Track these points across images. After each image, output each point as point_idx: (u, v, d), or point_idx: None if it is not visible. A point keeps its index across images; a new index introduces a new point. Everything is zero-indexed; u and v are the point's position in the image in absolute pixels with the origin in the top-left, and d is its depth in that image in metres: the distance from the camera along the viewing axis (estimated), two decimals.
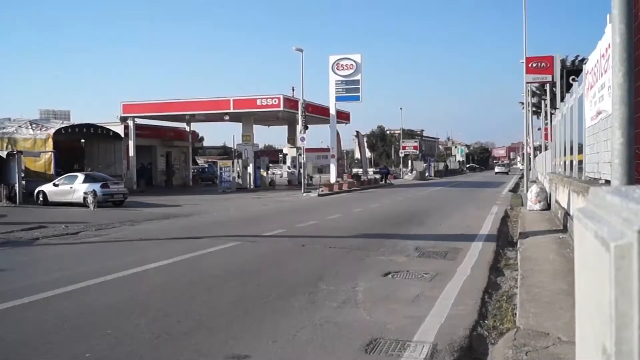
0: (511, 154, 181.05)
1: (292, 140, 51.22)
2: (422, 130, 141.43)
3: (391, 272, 9.62)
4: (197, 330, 6.38)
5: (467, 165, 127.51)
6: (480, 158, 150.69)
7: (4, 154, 28.76)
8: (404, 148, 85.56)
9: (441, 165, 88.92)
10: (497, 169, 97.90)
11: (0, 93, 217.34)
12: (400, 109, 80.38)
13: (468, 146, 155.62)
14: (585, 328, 1.38)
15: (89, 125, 35.88)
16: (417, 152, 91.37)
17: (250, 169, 41.58)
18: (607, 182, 8.74)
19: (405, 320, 6.72)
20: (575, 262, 1.63)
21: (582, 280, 1.46)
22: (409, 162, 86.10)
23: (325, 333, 6.25)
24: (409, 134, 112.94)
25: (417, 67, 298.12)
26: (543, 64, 27.74)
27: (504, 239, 14.17)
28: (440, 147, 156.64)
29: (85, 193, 25.33)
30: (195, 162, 61.55)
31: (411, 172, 73.03)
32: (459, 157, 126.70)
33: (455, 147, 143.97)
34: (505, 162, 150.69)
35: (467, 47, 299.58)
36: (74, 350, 5.73)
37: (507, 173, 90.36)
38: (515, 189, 38.87)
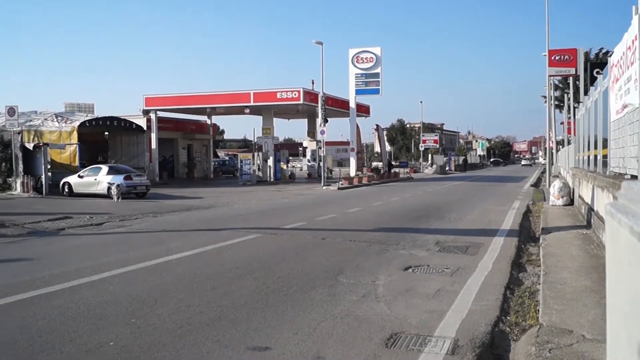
0: (533, 148, 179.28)
1: (312, 133, 51.22)
2: (442, 124, 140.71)
3: (412, 267, 9.61)
4: (219, 321, 6.44)
5: (491, 160, 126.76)
6: (502, 152, 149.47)
7: (30, 146, 29.13)
8: (424, 142, 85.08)
9: (461, 160, 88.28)
10: (523, 162, 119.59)
11: (27, 87, 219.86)
12: (421, 102, 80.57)
13: (489, 140, 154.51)
14: (618, 326, 1.37)
15: (112, 118, 36.16)
16: (438, 146, 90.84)
17: (270, 162, 41.65)
18: (634, 177, 8.64)
19: (426, 314, 6.71)
20: (607, 258, 1.61)
21: (615, 277, 1.44)
22: (429, 156, 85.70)
23: (345, 326, 6.27)
24: (429, 128, 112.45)
25: (438, 60, 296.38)
26: (566, 56, 27.46)
27: (526, 234, 14.06)
28: (461, 141, 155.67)
29: (109, 184, 25.57)
30: (216, 155, 61.86)
31: (431, 166, 72.68)
32: (480, 151, 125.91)
33: (476, 141, 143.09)
34: (527, 156, 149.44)
35: (489, 39, 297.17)
36: (99, 338, 5.81)
37: (531, 165, 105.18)
38: (537, 184, 38.50)
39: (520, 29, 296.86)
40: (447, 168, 71.69)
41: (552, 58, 27.62)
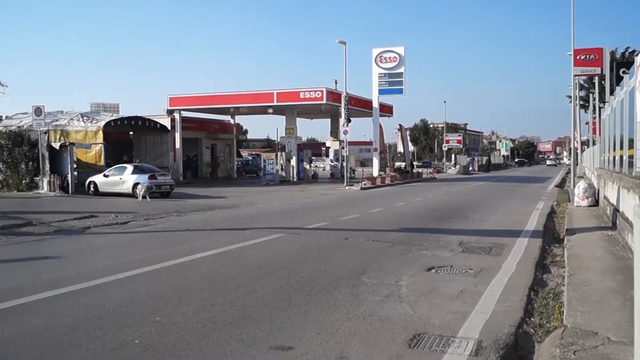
0: (557, 148, 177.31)
1: (334, 133, 51.23)
2: (465, 124, 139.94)
3: (435, 267, 9.59)
4: (242, 320, 6.48)
5: (516, 160, 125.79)
6: (526, 152, 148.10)
7: (57, 145, 29.49)
8: (447, 142, 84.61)
9: (485, 160, 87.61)
10: (548, 162, 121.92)
11: (54, 87, 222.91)
12: (444, 102, 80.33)
13: (513, 140, 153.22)
14: None
15: (137, 118, 36.48)
16: (461, 146, 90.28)
17: (293, 161, 41.72)
18: None
19: (450, 315, 6.69)
20: (635, 260, 1.61)
21: None
22: (453, 156, 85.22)
23: (368, 326, 6.28)
24: (453, 128, 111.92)
25: (462, 59, 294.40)
26: (592, 56, 27.11)
27: (550, 235, 13.94)
28: (485, 141, 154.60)
29: (138, 184, 25.77)
30: (239, 155, 62.15)
31: (454, 166, 72.28)
32: (504, 152, 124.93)
33: (500, 141, 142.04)
34: (551, 157, 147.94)
35: (514, 39, 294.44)
36: (124, 336, 5.89)
37: (555, 165, 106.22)
38: (561, 185, 38.11)
39: (546, 27, 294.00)
40: (470, 168, 71.20)
41: (578, 57, 27.29)
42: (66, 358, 5.33)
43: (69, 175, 27.89)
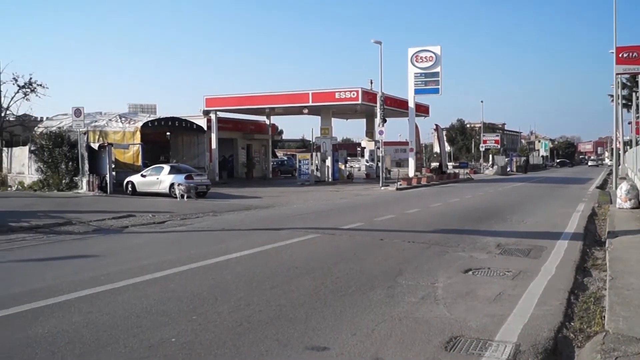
0: (599, 148, 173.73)
1: (370, 133, 51.05)
2: (503, 124, 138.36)
3: (472, 269, 9.48)
4: (277, 320, 6.49)
5: (557, 160, 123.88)
6: (565, 153, 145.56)
7: (95, 146, 29.97)
8: (484, 142, 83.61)
9: (523, 160, 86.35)
10: (589, 163, 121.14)
11: (93, 88, 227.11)
12: (481, 101, 79.17)
13: (552, 140, 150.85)
14: None
15: (173, 119, 36.85)
16: (499, 146, 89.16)
17: (328, 162, 41.72)
18: None
19: (487, 318, 6.60)
20: None
21: None
22: (490, 156, 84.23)
23: (404, 328, 6.23)
24: (490, 128, 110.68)
25: (499, 58, 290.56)
26: (635, 54, 26.52)
27: (591, 238, 13.65)
28: (523, 141, 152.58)
29: (180, 185, 26.03)
30: (274, 155, 62.44)
31: (492, 166, 71.43)
32: (543, 152, 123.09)
33: (539, 141, 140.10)
34: (592, 157, 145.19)
35: (553, 36, 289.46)
36: (161, 334, 5.95)
37: (597, 166, 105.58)
38: (603, 186, 37.34)
39: (587, 24, 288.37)
40: (508, 169, 70.26)
41: (620, 55, 26.72)
42: (104, 355, 5.39)
43: (108, 175, 28.31)
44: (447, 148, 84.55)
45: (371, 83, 44.71)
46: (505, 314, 6.75)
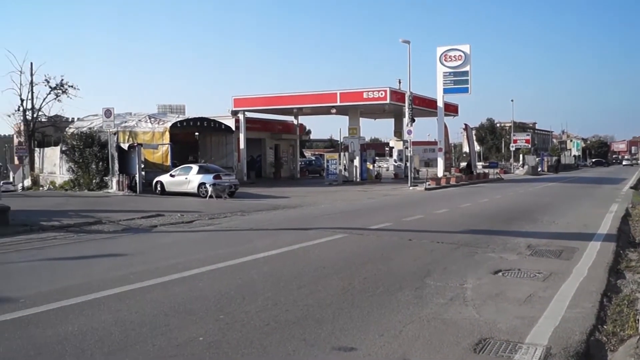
0: (633, 148, 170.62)
1: (398, 133, 50.85)
2: (534, 123, 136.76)
3: (502, 270, 9.35)
4: (305, 320, 6.47)
5: (593, 160, 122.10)
6: (598, 152, 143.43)
7: (125, 146, 30.32)
8: (514, 142, 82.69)
9: (554, 160, 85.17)
10: (624, 162, 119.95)
11: (123, 89, 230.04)
12: (512, 100, 78.62)
13: (584, 140, 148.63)
14: None
15: (202, 119, 37.12)
16: (529, 145, 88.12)
17: (356, 162, 41.63)
18: None
19: (517, 320, 6.50)
20: None
21: None
22: (520, 156, 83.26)
23: (432, 329, 6.17)
24: (521, 127, 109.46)
25: (530, 56, 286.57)
26: None
27: (625, 239, 13.39)
28: (554, 140, 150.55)
29: (215, 185, 26.22)
30: (302, 155, 62.44)
31: (522, 166, 70.60)
32: (575, 151, 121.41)
33: (571, 140, 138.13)
34: (627, 157, 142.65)
35: (584, 34, 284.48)
36: (189, 333, 5.97)
37: (632, 165, 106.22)
38: (637, 186, 36.65)
39: (621, 21, 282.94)
40: (539, 169, 69.40)
41: None
42: (133, 353, 5.43)
43: (137, 175, 28.62)
44: (477, 148, 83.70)
45: (399, 83, 44.53)
46: (535, 316, 6.64)
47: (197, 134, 40.06)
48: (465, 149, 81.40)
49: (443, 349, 5.57)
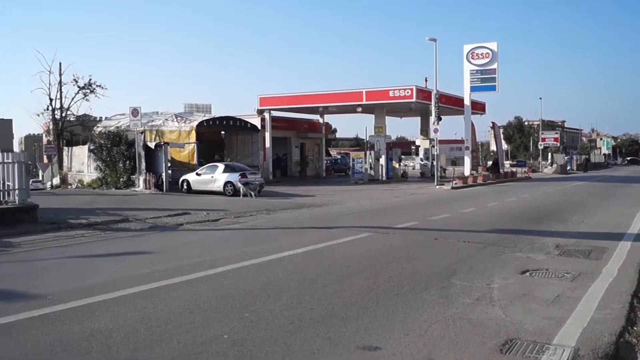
0: None
1: (424, 131, 50.55)
2: (563, 121, 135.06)
3: (529, 270, 9.24)
4: (329, 319, 6.45)
5: (627, 158, 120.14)
6: (629, 151, 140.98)
7: (152, 145, 30.57)
8: (543, 140, 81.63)
9: (583, 158, 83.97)
10: None
11: (150, 88, 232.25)
12: (540, 98, 76.71)
13: (615, 138, 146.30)
14: None
15: (228, 118, 37.27)
16: (558, 144, 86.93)
17: (382, 160, 41.48)
18: None
19: (544, 321, 6.41)
20: None
21: None
22: (549, 154, 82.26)
23: (458, 329, 6.11)
24: (549, 125, 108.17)
25: (559, 53, 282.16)
26: None
27: None
28: (584, 139, 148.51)
29: (247, 184, 26.38)
30: (328, 154, 62.40)
31: (551, 165, 69.78)
32: (605, 150, 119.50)
33: (601, 139, 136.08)
34: None
35: (614, 30, 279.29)
36: (213, 330, 5.99)
37: None
38: None
39: None
40: (568, 167, 68.49)
41: None
42: (158, 350, 5.46)
43: (164, 174, 28.80)
44: (504, 146, 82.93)
45: (426, 81, 44.26)
46: (563, 317, 6.54)
47: (223, 132, 40.25)
48: (493, 147, 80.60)
49: (469, 349, 5.51)
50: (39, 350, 5.45)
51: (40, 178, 41.64)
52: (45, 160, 49.37)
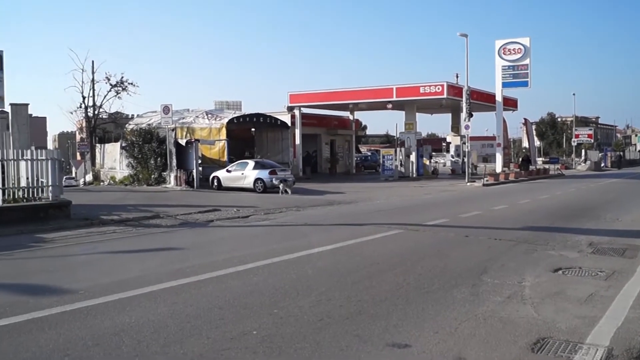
0: None
1: (455, 128, 50.11)
2: (597, 118, 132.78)
3: (562, 268, 9.10)
4: (358, 316, 6.43)
5: None
6: None
7: (183, 142, 30.82)
8: (576, 136, 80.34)
9: (617, 155, 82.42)
10: None
11: (181, 86, 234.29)
12: (573, 94, 75.63)
13: None
14: None
15: (258, 115, 37.41)
16: (592, 140, 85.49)
17: (412, 157, 41.28)
18: None
19: (577, 320, 6.31)
20: None
21: None
22: (582, 151, 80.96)
23: (488, 327, 6.04)
24: (583, 122, 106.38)
25: (593, 47, 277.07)
26: None
27: None
28: (619, 135, 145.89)
29: (285, 181, 26.55)
30: (358, 150, 62.34)
31: (584, 162, 68.71)
32: (639, 147, 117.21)
33: (636, 135, 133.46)
34: None
35: None
36: (243, 326, 6.02)
37: None
38: None
39: None
40: (602, 164, 67.36)
41: None
42: (188, 345, 5.49)
43: (194, 171, 28.96)
44: (537, 143, 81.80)
45: (457, 77, 44.03)
46: (597, 316, 6.42)
47: (253, 129, 40.42)
48: (525, 144, 79.54)
49: (499, 348, 5.44)
50: (71, 345, 5.53)
51: (74, 175, 42.41)
52: (79, 157, 50.24)
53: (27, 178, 15.71)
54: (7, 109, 24.79)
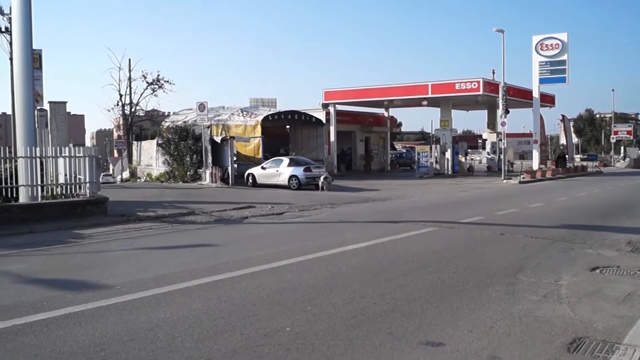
0: None
1: (491, 125, 49.60)
2: (637, 114, 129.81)
3: (599, 267, 8.95)
4: (392, 314, 6.42)
5: None
6: None
7: (218, 139, 31.07)
8: (615, 133, 78.87)
9: None
10: None
11: (217, 83, 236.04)
12: (612, 90, 74.56)
13: None
14: None
15: (293, 112, 37.49)
16: (631, 137, 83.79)
17: (448, 154, 40.97)
18: None
19: (615, 320, 6.20)
20: None
21: None
22: (622, 148, 79.35)
23: (524, 327, 5.97)
24: (622, 118, 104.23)
25: (631, 43, 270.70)
26: None
27: None
28: None
29: (325, 179, 26.67)
30: (393, 147, 62.05)
31: (623, 159, 67.33)
32: None
33: None
34: None
35: None
36: (276, 323, 6.05)
37: None
38: None
39: None
40: None
41: None
42: (221, 341, 5.55)
43: (230, 168, 29.20)
44: (574, 140, 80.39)
45: (493, 73, 43.45)
46: (635, 316, 6.30)
47: (288, 127, 40.52)
48: (562, 141, 78.29)
49: (535, 347, 5.38)
50: (107, 339, 5.62)
51: (111, 172, 43.10)
52: (116, 155, 51.09)
53: (65, 175, 16.03)
54: (46, 107, 25.34)
